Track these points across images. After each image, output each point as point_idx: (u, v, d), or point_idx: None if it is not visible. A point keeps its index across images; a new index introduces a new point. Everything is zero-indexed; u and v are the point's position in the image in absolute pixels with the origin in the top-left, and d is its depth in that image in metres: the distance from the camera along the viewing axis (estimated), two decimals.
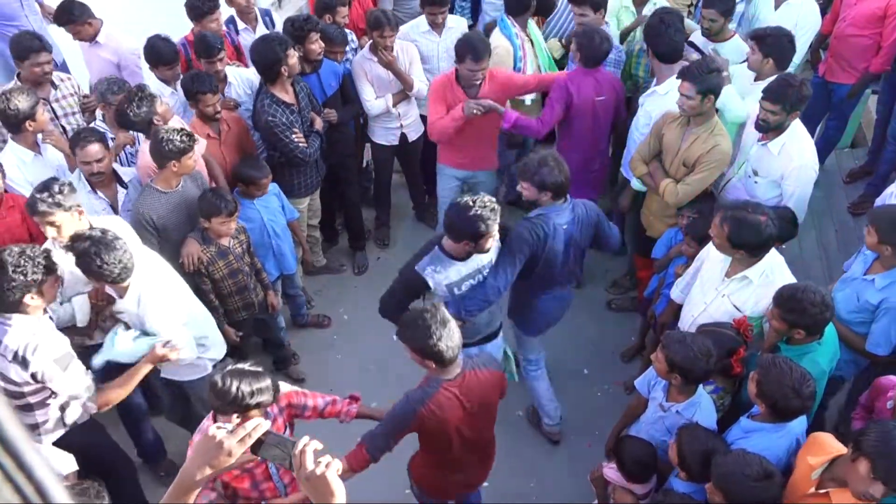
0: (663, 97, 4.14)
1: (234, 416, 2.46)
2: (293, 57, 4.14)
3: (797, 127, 3.79)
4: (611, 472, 3.23)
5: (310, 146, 4.36)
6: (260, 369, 2.55)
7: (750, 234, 3.01)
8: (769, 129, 3.73)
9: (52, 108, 4.33)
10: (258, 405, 2.49)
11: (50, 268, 2.86)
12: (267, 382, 2.51)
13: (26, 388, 2.90)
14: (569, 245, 3.50)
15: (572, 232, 3.48)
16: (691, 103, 3.67)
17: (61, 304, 3.34)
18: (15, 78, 4.38)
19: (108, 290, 3.21)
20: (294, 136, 4.25)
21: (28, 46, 4.17)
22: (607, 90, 4.34)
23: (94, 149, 3.58)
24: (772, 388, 2.63)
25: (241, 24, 5.13)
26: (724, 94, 3.90)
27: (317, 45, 4.44)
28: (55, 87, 4.38)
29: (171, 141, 3.49)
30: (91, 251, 2.90)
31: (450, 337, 2.60)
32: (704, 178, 3.81)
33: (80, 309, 3.38)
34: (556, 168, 3.33)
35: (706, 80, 3.61)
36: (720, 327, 3.16)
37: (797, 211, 3.77)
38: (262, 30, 5.15)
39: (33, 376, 2.85)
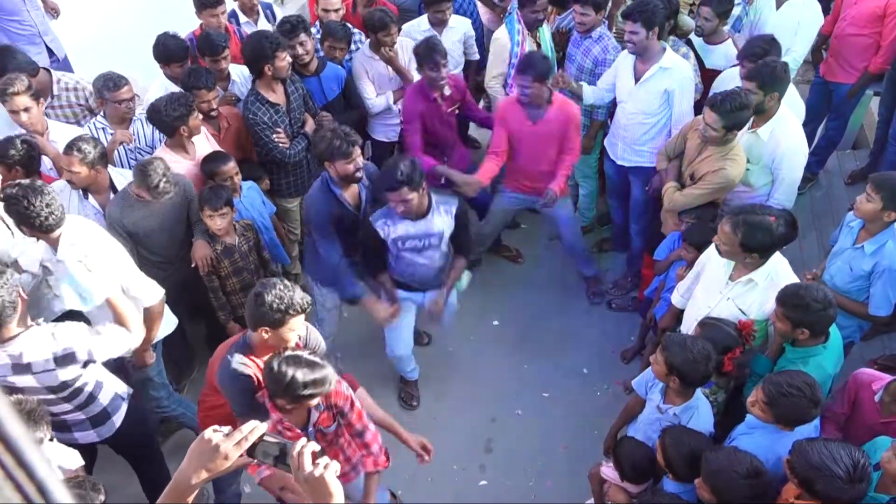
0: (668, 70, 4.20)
1: (287, 404, 2.46)
2: (283, 59, 4.10)
3: (785, 113, 3.81)
4: (608, 470, 3.25)
5: (292, 147, 4.32)
6: (319, 360, 2.49)
7: (764, 236, 3.01)
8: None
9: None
10: (311, 396, 2.45)
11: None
12: (324, 374, 2.45)
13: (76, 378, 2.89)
14: None
15: None
16: (713, 134, 3.63)
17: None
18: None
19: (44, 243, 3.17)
20: (275, 136, 4.23)
21: None
22: None
23: None
24: (786, 410, 2.64)
25: (242, 18, 5.12)
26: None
27: (301, 49, 4.39)
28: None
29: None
30: (19, 195, 2.94)
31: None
32: (702, 195, 3.81)
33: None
34: None
35: (733, 118, 3.55)
36: (723, 323, 3.15)
37: (787, 197, 3.80)
38: (263, 23, 5.15)
39: (86, 364, 2.85)
